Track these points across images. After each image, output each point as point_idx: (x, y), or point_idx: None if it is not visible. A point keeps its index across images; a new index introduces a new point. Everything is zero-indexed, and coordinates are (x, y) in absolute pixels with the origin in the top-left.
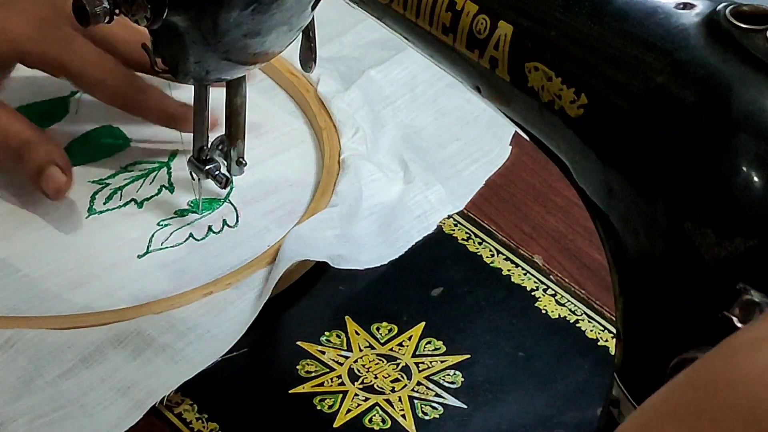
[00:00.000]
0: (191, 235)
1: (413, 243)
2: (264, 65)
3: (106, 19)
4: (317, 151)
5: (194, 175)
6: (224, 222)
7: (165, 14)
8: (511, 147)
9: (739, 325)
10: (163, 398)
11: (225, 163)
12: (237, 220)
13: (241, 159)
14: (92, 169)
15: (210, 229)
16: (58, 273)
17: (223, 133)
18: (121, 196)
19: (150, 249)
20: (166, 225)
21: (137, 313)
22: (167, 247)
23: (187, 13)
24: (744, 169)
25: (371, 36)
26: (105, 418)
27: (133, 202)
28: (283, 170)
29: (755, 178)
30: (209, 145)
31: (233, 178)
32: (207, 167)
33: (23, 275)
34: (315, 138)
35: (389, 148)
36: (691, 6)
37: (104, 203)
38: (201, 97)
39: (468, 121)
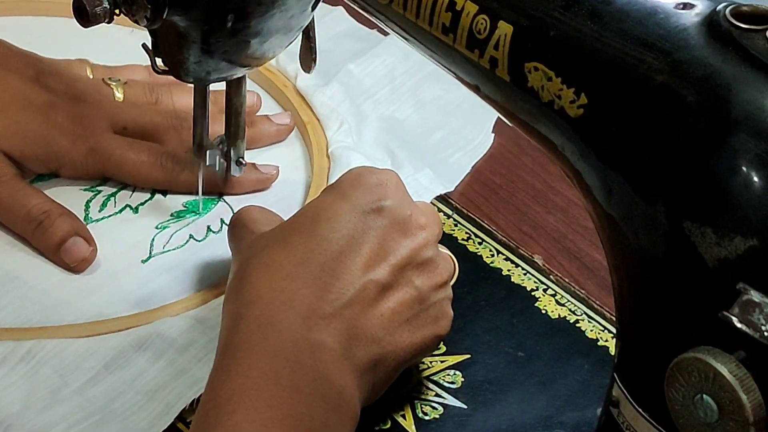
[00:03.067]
0: (191, 236)
1: None
2: None
3: (106, 19)
4: (303, 145)
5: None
6: (222, 221)
7: (165, 14)
8: (494, 134)
9: (739, 325)
10: (193, 400)
11: (225, 162)
12: None
13: (240, 159)
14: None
15: (209, 228)
16: (65, 282)
17: (223, 133)
18: (115, 202)
19: (153, 253)
20: (164, 228)
21: (154, 316)
22: (169, 250)
23: (187, 13)
24: (743, 168)
25: (339, 27)
26: (136, 422)
27: (128, 208)
28: None
29: (755, 178)
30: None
31: (229, 175)
32: (208, 162)
33: (31, 287)
34: (298, 133)
35: (374, 140)
36: (691, 6)
37: (99, 211)
38: (201, 97)
39: (449, 111)
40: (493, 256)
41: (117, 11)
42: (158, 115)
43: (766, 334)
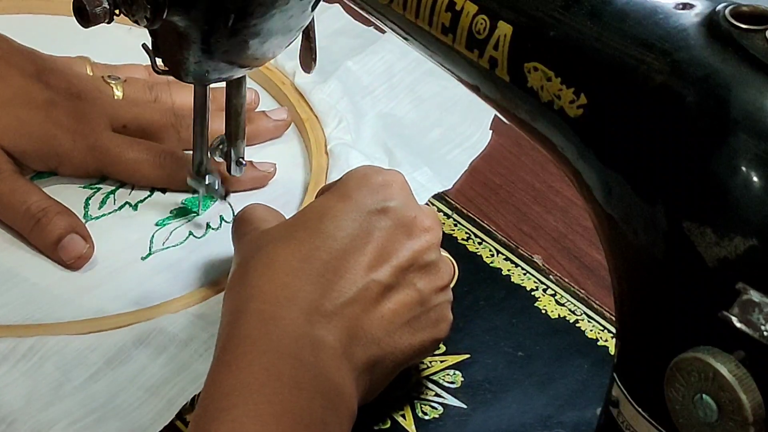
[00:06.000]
0: (191, 233)
1: None
2: None
3: (107, 19)
4: (301, 142)
5: (195, 188)
6: (221, 218)
7: (165, 14)
8: (492, 131)
9: (738, 325)
10: (193, 397)
11: (225, 161)
12: (233, 216)
13: (240, 159)
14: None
15: (208, 225)
16: (66, 280)
17: (223, 132)
18: (114, 199)
19: (152, 250)
20: (164, 225)
21: (155, 313)
22: (169, 247)
23: (187, 13)
24: (743, 168)
25: (336, 25)
26: (137, 419)
27: (127, 205)
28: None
29: (754, 178)
30: (210, 147)
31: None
32: (207, 182)
33: (33, 284)
34: (296, 129)
35: (372, 137)
36: (691, 6)
37: (99, 208)
38: (201, 97)
39: (447, 108)
40: (492, 256)
41: (117, 11)
42: (157, 113)
43: (765, 333)
